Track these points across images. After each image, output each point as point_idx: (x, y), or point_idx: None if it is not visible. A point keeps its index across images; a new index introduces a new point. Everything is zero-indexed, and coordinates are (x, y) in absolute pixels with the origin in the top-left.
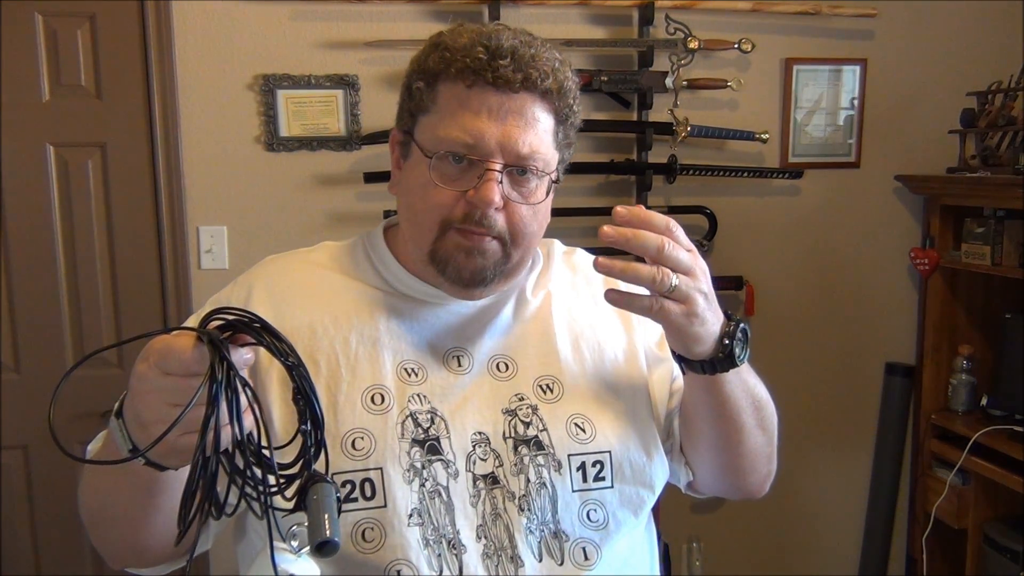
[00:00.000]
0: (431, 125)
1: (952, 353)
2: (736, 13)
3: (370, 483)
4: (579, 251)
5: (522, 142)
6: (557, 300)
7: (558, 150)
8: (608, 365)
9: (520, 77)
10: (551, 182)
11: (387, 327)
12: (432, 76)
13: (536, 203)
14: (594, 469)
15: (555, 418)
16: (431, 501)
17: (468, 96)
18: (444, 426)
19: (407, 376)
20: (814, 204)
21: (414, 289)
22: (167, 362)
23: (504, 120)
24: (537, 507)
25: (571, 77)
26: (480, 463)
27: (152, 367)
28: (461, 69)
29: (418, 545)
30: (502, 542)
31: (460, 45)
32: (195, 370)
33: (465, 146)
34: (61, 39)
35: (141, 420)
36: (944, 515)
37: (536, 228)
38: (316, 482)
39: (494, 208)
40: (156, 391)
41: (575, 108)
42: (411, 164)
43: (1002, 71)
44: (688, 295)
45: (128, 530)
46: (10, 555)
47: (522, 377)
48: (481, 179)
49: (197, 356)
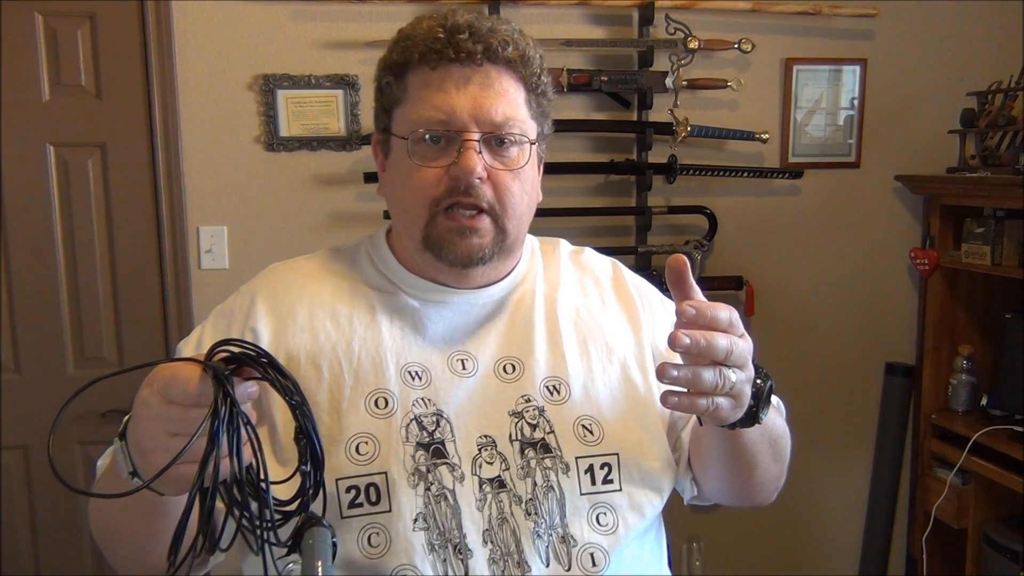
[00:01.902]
0: (405, 114)
1: (952, 353)
2: (736, 13)
3: (375, 488)
4: (587, 250)
5: (494, 110)
6: (565, 301)
7: (534, 120)
8: (616, 366)
9: (480, 48)
10: (532, 148)
11: (390, 330)
12: (399, 68)
13: (519, 167)
14: (602, 472)
15: (562, 420)
16: (436, 505)
17: (433, 76)
18: (449, 429)
19: (411, 379)
20: (814, 204)
21: (416, 287)
22: (171, 391)
23: (471, 91)
24: (544, 511)
25: (532, 46)
26: (486, 466)
27: (155, 394)
28: (424, 53)
29: (423, 550)
30: (509, 547)
31: (420, 32)
32: (198, 401)
33: (439, 123)
34: (61, 39)
35: (141, 447)
36: (944, 515)
37: (526, 199)
38: (312, 525)
39: (477, 178)
40: (157, 419)
41: (543, 78)
42: (393, 159)
43: (1002, 71)
44: (741, 389)
45: (134, 549)
46: (10, 555)
47: (528, 378)
48: (460, 151)
49: (201, 388)
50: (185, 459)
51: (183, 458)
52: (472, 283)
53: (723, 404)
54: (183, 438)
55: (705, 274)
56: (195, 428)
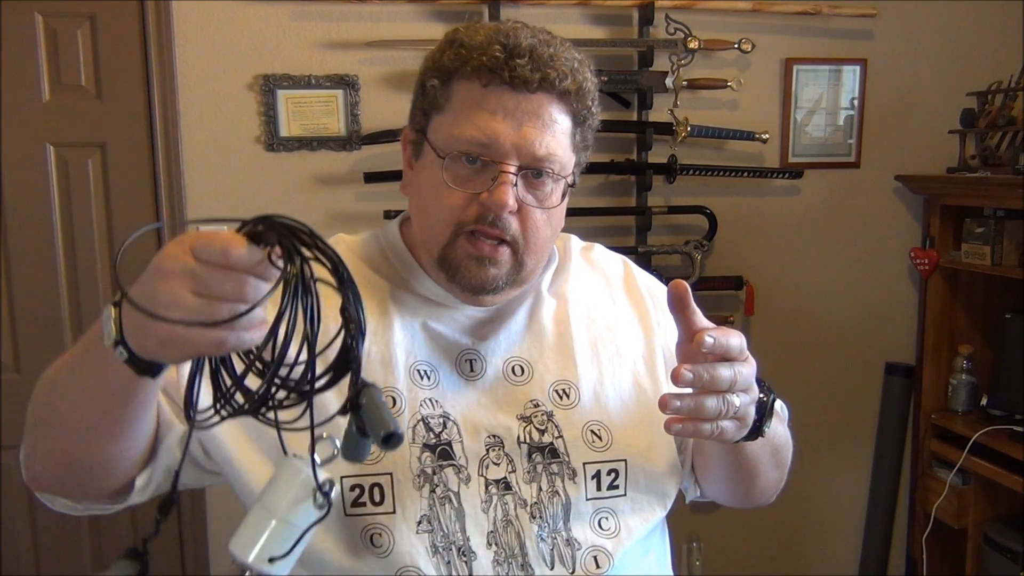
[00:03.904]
0: (445, 124)
1: (952, 353)
2: (736, 13)
3: (379, 488)
4: (597, 247)
5: (538, 144)
6: (575, 301)
7: (574, 152)
8: (626, 369)
9: (538, 77)
10: (567, 186)
11: (401, 324)
12: (447, 74)
13: (551, 207)
14: (609, 478)
15: (571, 425)
16: (441, 507)
17: (484, 95)
18: (456, 430)
19: (419, 379)
20: (814, 204)
21: (427, 289)
22: (210, 248)
23: (520, 121)
24: (549, 515)
25: (590, 78)
26: (493, 467)
27: (187, 251)
28: (477, 67)
29: (427, 552)
30: (513, 549)
31: (477, 42)
32: (237, 264)
33: (480, 146)
34: (61, 39)
35: (155, 300)
36: (944, 515)
37: (550, 233)
38: (364, 386)
39: (508, 211)
40: (183, 275)
41: (593, 110)
42: (423, 164)
43: (1002, 71)
44: (746, 412)
45: (71, 439)
46: (10, 555)
47: (537, 382)
48: (495, 181)
49: (250, 253)
50: (202, 320)
51: (199, 318)
52: (481, 305)
53: (728, 427)
54: (206, 300)
55: (705, 274)
56: (224, 289)
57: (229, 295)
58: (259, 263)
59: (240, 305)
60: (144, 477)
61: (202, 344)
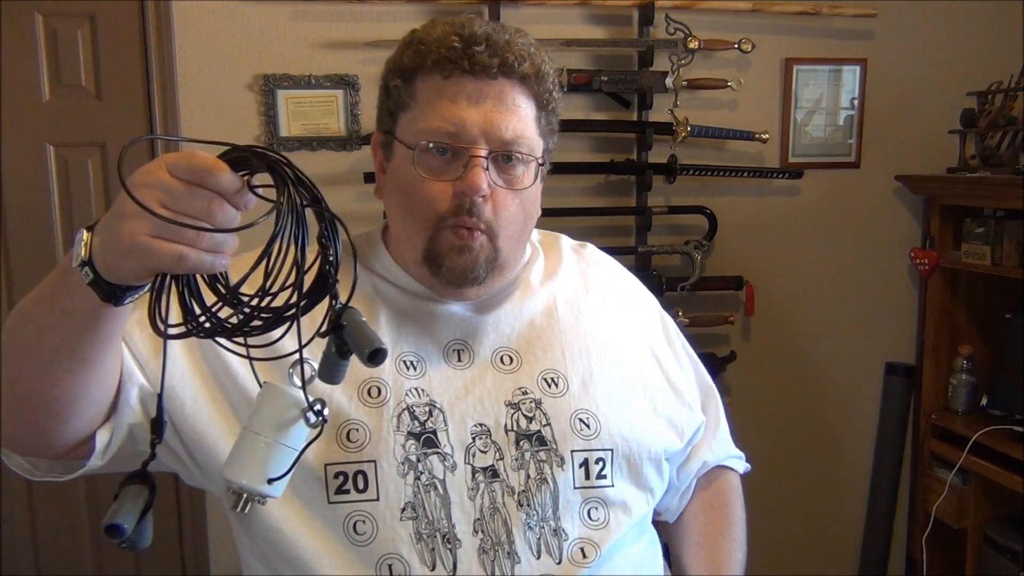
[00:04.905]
0: (411, 120)
1: (952, 353)
2: (736, 13)
3: (363, 475)
4: (589, 246)
5: (505, 127)
6: (565, 295)
7: (542, 137)
8: (615, 363)
9: (496, 62)
10: (538, 166)
11: (387, 318)
12: (409, 72)
13: (524, 188)
14: (597, 466)
15: (559, 412)
16: (426, 495)
17: (446, 86)
18: (442, 418)
19: (405, 369)
20: (814, 204)
21: (411, 287)
22: (181, 165)
23: (484, 106)
24: (537, 503)
25: (547, 62)
26: (480, 455)
27: (163, 166)
28: (437, 60)
29: (410, 540)
30: (499, 537)
31: (434, 37)
32: (211, 184)
33: (447, 135)
34: (61, 39)
35: (121, 210)
36: (944, 515)
37: (523, 217)
38: (344, 308)
39: (481, 195)
40: (155, 187)
41: (555, 94)
42: (395, 164)
43: (1002, 71)
44: None
45: (32, 368)
46: (10, 555)
47: (526, 370)
48: (467, 167)
49: (230, 177)
50: (165, 234)
51: (163, 233)
52: (465, 299)
53: None
54: (172, 213)
55: (705, 274)
56: (191, 206)
57: (195, 212)
58: (237, 191)
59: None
60: (105, 434)
61: (162, 256)
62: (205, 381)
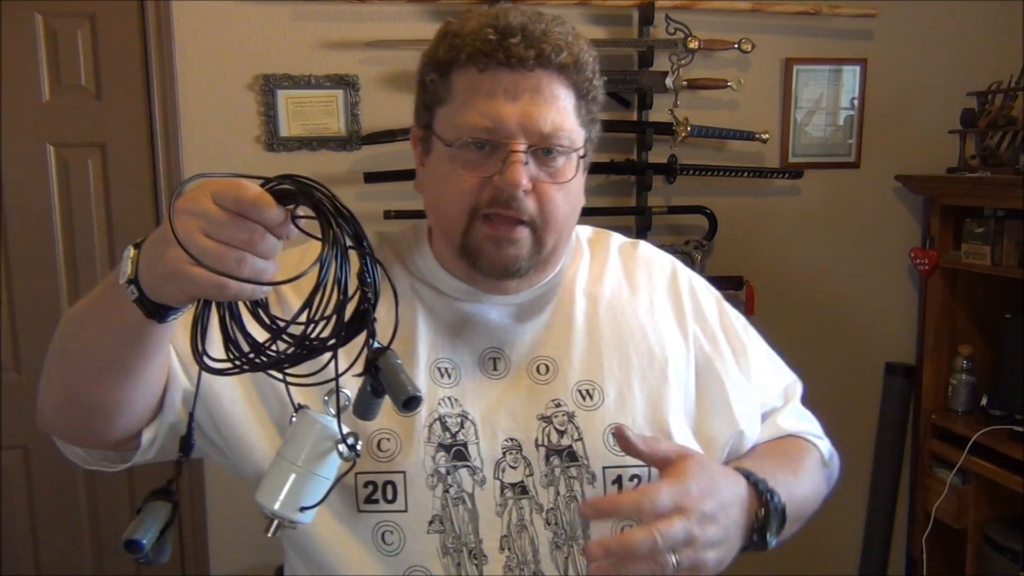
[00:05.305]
0: (449, 115)
1: (952, 353)
2: (736, 13)
3: (392, 486)
4: (643, 244)
5: (543, 120)
6: (608, 298)
7: (583, 127)
8: (657, 372)
9: (533, 54)
10: (579, 158)
11: (424, 319)
12: (444, 66)
13: (566, 181)
14: (631, 484)
15: (592, 427)
16: (454, 508)
17: (482, 80)
18: (474, 431)
19: (439, 376)
20: (814, 204)
21: (451, 287)
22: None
23: (521, 99)
24: (566, 522)
25: (587, 50)
26: (510, 471)
27: (207, 195)
28: (472, 54)
29: (437, 553)
30: (526, 555)
31: (469, 30)
32: (253, 215)
33: (485, 130)
34: (61, 39)
35: (165, 236)
36: (944, 515)
37: (568, 210)
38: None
39: (522, 191)
40: (200, 215)
41: (595, 82)
42: (433, 158)
43: (1002, 71)
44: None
45: (82, 378)
46: (10, 555)
47: (561, 381)
48: (505, 162)
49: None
50: (204, 261)
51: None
52: (506, 292)
53: None
54: (215, 243)
55: (705, 274)
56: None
57: (238, 243)
58: (281, 223)
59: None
60: (151, 432)
61: (204, 284)
62: (243, 382)
